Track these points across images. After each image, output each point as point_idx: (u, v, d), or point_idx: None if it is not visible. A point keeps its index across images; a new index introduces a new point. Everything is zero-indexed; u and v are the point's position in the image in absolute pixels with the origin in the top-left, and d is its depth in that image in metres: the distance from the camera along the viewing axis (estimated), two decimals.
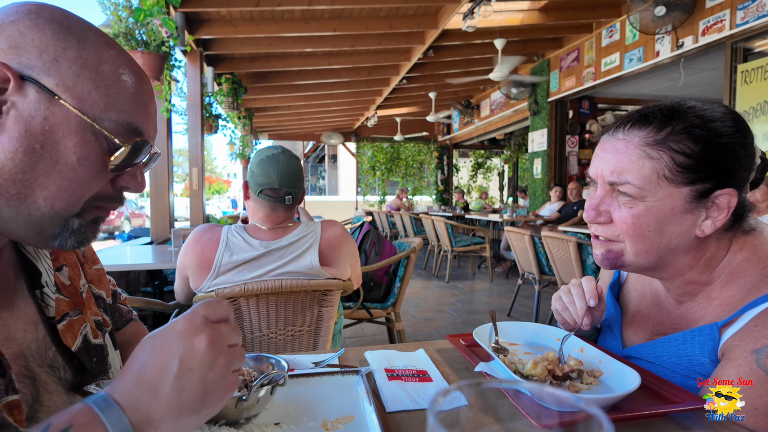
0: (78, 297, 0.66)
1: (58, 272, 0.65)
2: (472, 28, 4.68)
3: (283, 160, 1.46)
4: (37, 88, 0.48)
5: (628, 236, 0.73)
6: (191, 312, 0.47)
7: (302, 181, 1.53)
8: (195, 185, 4.78)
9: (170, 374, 0.43)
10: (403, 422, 0.66)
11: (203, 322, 0.46)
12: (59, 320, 0.60)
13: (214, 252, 1.42)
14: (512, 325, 0.95)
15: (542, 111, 7.06)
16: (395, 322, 2.74)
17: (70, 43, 0.50)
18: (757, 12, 3.84)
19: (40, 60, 0.48)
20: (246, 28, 4.87)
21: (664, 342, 0.80)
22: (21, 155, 0.47)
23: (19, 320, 0.57)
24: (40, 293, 0.60)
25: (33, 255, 0.62)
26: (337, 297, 1.59)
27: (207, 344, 0.45)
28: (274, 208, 1.48)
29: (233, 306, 1.46)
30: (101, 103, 0.51)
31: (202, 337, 0.45)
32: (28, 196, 0.49)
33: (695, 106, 0.73)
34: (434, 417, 0.28)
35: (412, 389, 0.76)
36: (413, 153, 12.12)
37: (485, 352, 0.84)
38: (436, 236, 6.44)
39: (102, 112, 0.51)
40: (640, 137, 0.72)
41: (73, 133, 0.50)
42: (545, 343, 0.90)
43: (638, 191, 0.71)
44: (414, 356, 0.90)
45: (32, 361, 0.56)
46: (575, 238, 3.25)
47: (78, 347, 0.61)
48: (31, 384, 0.54)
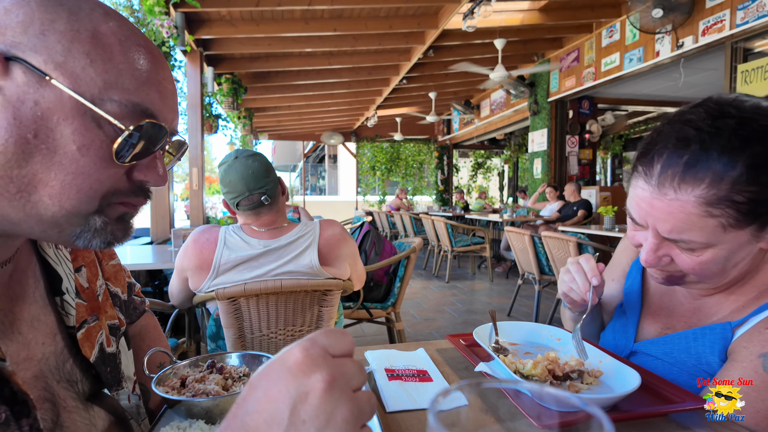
0: (95, 301, 0.63)
1: (77, 273, 0.62)
2: (472, 28, 4.68)
3: (240, 166, 1.43)
4: (25, 68, 0.42)
5: (695, 274, 0.70)
6: (308, 341, 0.37)
7: (271, 174, 1.48)
8: (195, 185, 4.78)
9: (279, 427, 0.34)
10: (403, 422, 0.66)
11: (322, 356, 0.36)
12: (78, 328, 0.57)
13: (213, 252, 1.42)
14: (512, 325, 0.94)
15: (542, 111, 7.06)
16: (395, 322, 2.74)
17: (59, 15, 0.43)
18: (757, 12, 3.84)
19: (26, 36, 0.42)
20: (246, 28, 4.88)
21: (674, 339, 0.79)
22: (12, 147, 0.42)
23: (38, 333, 0.53)
24: (60, 300, 0.57)
25: (53, 259, 0.58)
26: (337, 297, 1.59)
27: (326, 387, 0.35)
28: (258, 213, 1.47)
29: (233, 306, 1.46)
30: (98, 81, 0.44)
31: (319, 376, 0.35)
32: (31, 194, 0.43)
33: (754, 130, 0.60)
34: (435, 417, 0.28)
35: (412, 389, 0.76)
36: (413, 153, 12.12)
37: (485, 352, 0.84)
38: (436, 236, 6.45)
39: (101, 92, 0.44)
40: (696, 197, 0.62)
41: (70, 117, 0.43)
42: (545, 343, 0.90)
43: (704, 245, 0.65)
44: (414, 356, 0.90)
45: (51, 379, 0.53)
46: (575, 238, 3.25)
47: (95, 357, 0.58)
48: (51, 408, 0.51)
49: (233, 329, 1.49)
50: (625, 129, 8.79)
